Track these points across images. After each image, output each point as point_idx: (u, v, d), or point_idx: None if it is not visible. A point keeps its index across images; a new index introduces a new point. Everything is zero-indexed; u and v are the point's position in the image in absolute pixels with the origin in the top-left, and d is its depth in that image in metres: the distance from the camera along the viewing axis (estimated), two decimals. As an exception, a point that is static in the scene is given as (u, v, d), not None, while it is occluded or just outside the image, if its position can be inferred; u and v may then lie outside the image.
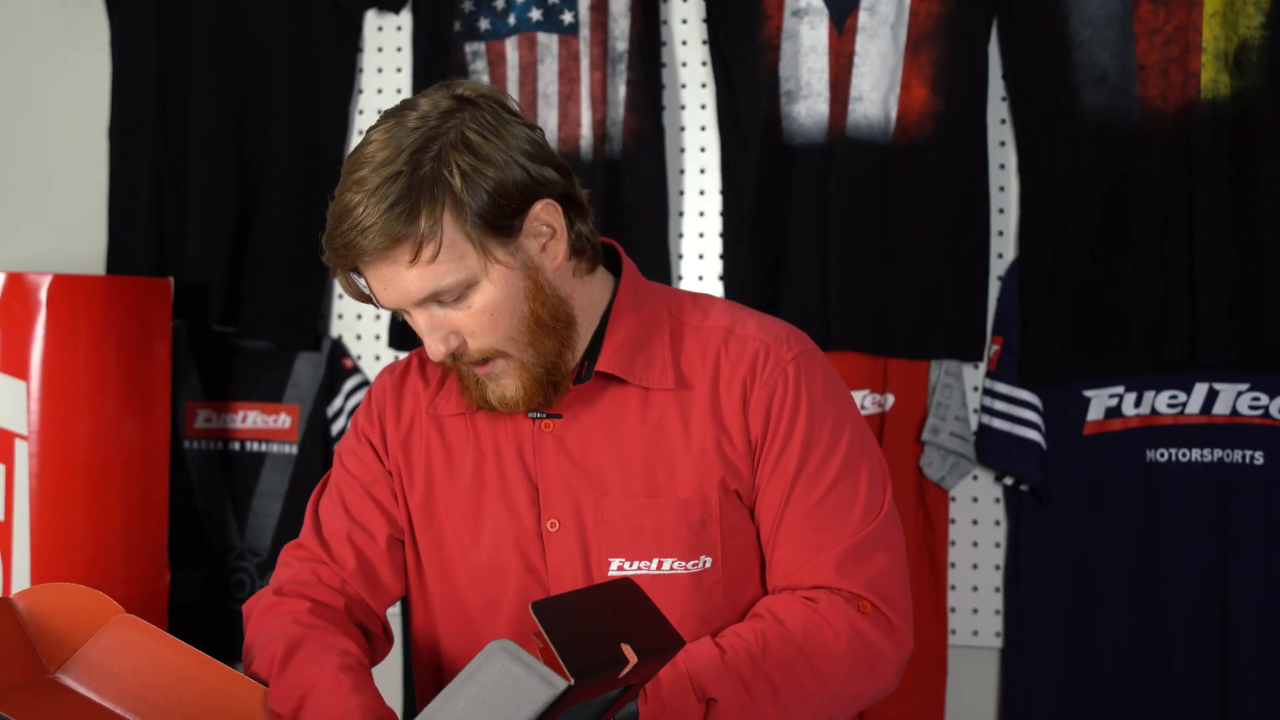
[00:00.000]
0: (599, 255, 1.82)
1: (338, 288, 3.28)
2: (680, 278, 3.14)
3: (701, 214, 3.15)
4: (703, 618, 1.79)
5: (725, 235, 3.09)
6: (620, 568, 1.77)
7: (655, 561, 1.79)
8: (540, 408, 1.78)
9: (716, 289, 3.10)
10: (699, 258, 3.15)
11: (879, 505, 1.78)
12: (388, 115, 1.71)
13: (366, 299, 1.74)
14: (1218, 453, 2.81)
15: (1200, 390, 2.83)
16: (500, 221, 1.68)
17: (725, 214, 3.09)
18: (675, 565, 1.79)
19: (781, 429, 1.76)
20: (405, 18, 3.26)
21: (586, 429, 1.78)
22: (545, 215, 1.72)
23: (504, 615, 1.81)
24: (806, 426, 1.77)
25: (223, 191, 3.28)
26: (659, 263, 3.09)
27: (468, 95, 1.70)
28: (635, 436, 1.77)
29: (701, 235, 3.15)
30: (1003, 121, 3.00)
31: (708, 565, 1.77)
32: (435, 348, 1.72)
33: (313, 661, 1.70)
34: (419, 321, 1.72)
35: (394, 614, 2.89)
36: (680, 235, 3.15)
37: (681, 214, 3.16)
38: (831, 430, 1.78)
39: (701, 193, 3.15)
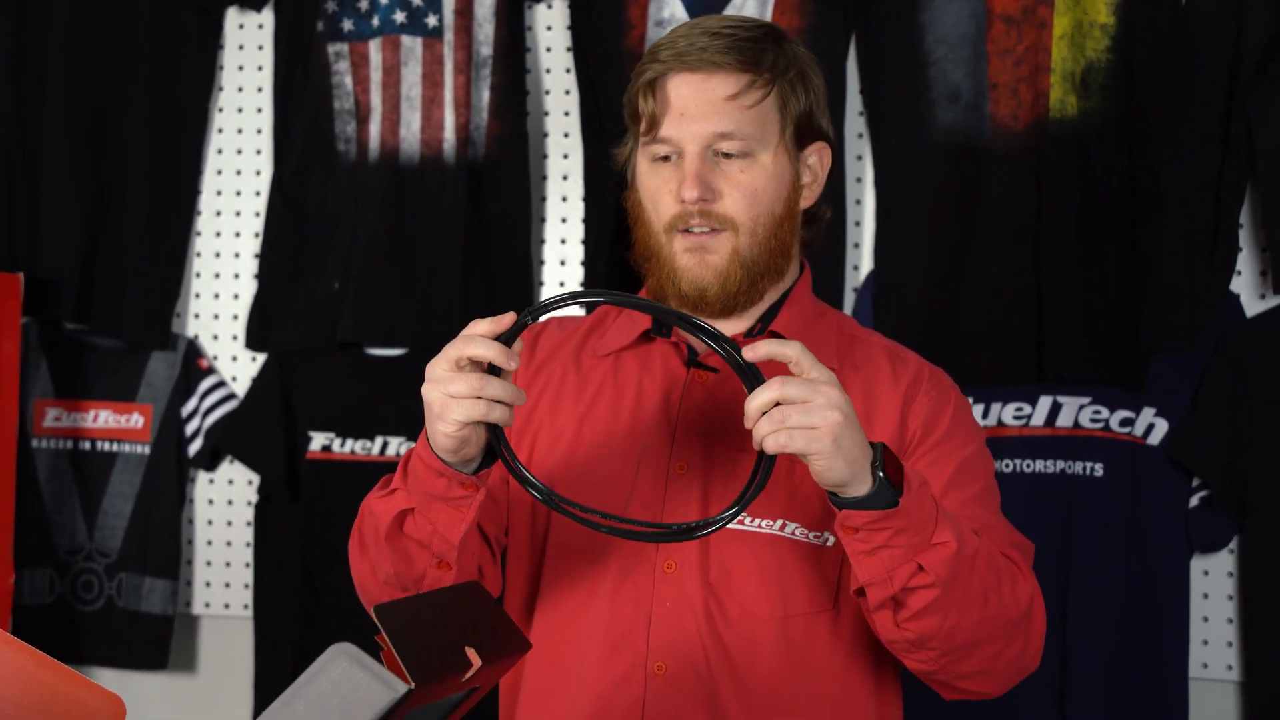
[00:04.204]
0: (813, 243, 1.92)
1: (195, 286, 3.26)
2: (542, 284, 3.15)
3: (564, 220, 3.16)
4: (812, 592, 1.77)
5: (587, 242, 3.10)
6: (739, 520, 1.76)
7: (779, 523, 1.78)
8: (722, 310, 1.82)
9: (578, 295, 3.10)
10: (560, 264, 3.16)
11: (1014, 531, 1.84)
12: None
13: (650, 126, 1.81)
14: (1060, 464, 2.88)
15: (1045, 403, 2.89)
16: (804, 129, 1.83)
17: (587, 221, 3.11)
18: (798, 532, 1.78)
19: (939, 431, 1.82)
20: (267, 16, 3.23)
21: (739, 388, 1.70)
22: (820, 158, 1.86)
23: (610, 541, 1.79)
24: (962, 442, 1.82)
25: (76, 186, 3.22)
26: (521, 267, 3.09)
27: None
28: None
29: (564, 241, 3.16)
30: (860, 136, 3.05)
31: (829, 543, 1.75)
32: (690, 191, 1.78)
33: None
34: (690, 156, 1.79)
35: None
36: (543, 241, 3.16)
37: (544, 220, 3.16)
38: (982, 457, 1.86)
39: (564, 199, 3.16)
